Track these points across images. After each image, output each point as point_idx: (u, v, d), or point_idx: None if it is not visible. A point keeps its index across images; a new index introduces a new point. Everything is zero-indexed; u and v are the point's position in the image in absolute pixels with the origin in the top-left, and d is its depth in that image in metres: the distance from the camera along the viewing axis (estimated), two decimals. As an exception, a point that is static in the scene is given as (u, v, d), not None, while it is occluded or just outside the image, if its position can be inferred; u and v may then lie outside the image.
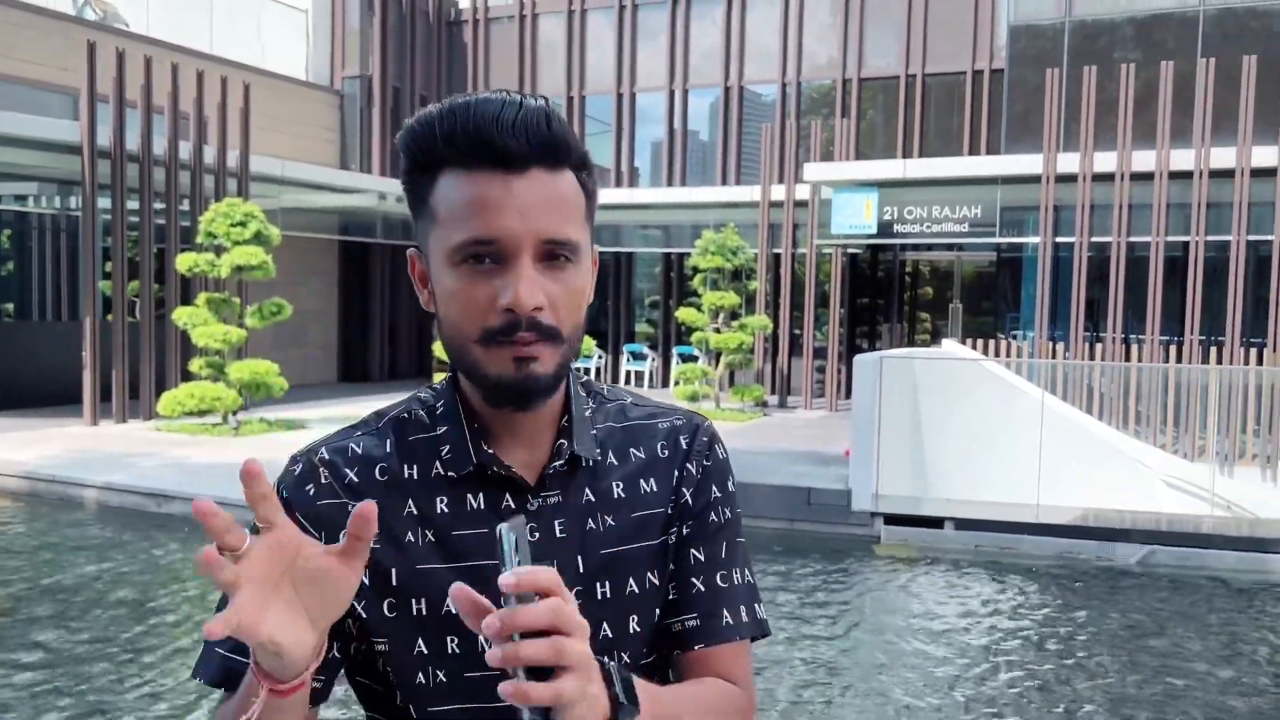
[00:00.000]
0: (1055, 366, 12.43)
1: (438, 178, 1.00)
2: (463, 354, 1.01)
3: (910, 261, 18.48)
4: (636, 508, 1.08)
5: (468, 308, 0.98)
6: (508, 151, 0.96)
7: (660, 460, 1.11)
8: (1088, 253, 13.47)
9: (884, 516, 8.64)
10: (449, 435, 1.05)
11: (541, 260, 0.98)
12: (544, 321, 0.98)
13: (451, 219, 0.98)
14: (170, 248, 13.22)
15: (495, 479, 1.03)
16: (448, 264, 0.99)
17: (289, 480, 1.04)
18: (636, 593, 1.06)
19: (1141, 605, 7.10)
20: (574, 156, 1.01)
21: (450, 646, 1.01)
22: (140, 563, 7.43)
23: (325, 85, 19.76)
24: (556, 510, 1.05)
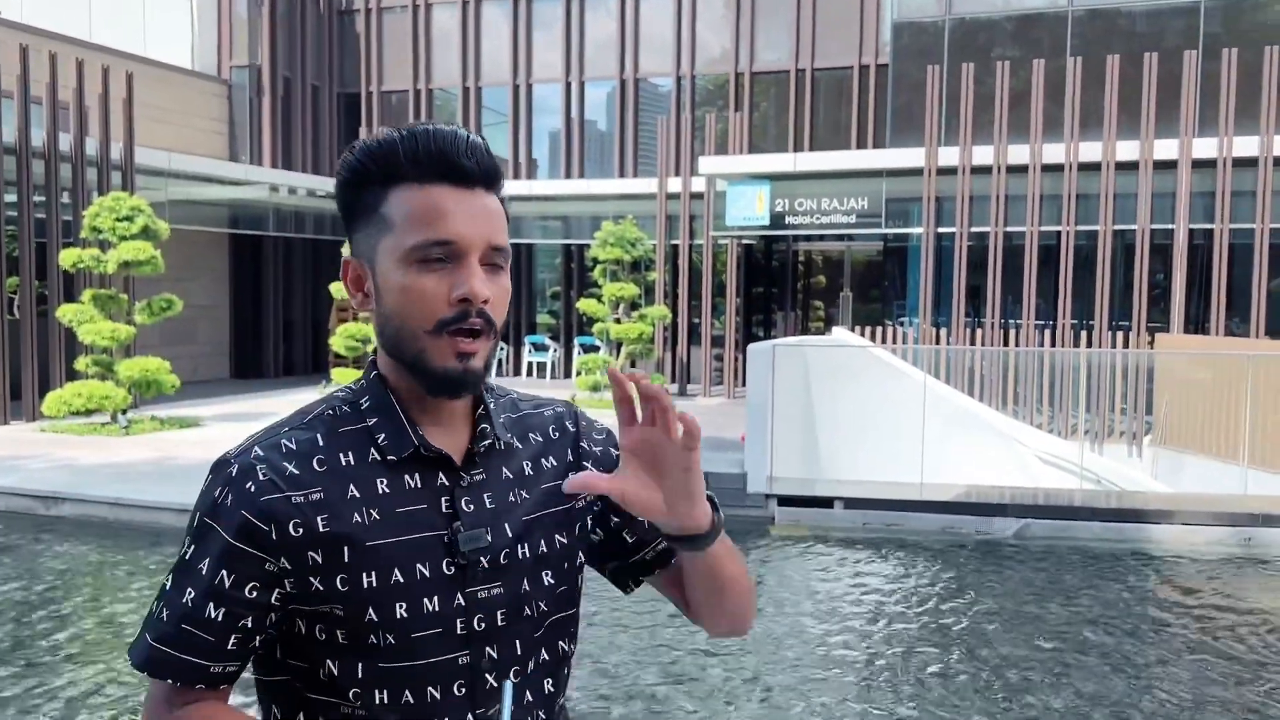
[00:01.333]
0: (938, 352, 13.00)
1: (390, 191, 1.16)
2: (410, 345, 1.15)
3: (803, 252, 18.97)
4: (543, 480, 1.25)
5: (421, 301, 1.13)
6: (463, 170, 1.15)
7: (554, 441, 1.30)
8: (968, 242, 14.07)
9: (778, 498, 8.96)
10: (382, 424, 1.18)
11: (484, 264, 1.15)
12: (488, 312, 1.14)
13: (409, 224, 1.14)
14: (52, 243, 12.82)
15: (428, 460, 1.18)
16: (401, 264, 1.14)
17: (231, 478, 1.14)
18: (546, 552, 1.23)
19: (1015, 574, 7.56)
20: (500, 185, 1.21)
21: (399, 611, 1.14)
22: (27, 566, 7.28)
23: (212, 75, 19.30)
24: (483, 486, 1.20)
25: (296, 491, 1.13)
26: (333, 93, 20.63)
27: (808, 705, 4.98)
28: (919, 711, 4.93)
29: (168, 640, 1.13)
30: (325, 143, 20.42)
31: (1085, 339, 13.42)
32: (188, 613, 1.12)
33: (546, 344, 19.31)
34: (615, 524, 1.31)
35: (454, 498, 1.18)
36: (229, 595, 1.12)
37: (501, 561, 1.19)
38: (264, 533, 1.11)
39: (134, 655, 1.16)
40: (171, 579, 1.15)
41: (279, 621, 1.15)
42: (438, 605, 1.15)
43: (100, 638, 5.91)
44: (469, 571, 1.16)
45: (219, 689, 1.15)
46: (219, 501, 1.13)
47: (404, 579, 1.14)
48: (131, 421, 12.10)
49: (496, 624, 1.18)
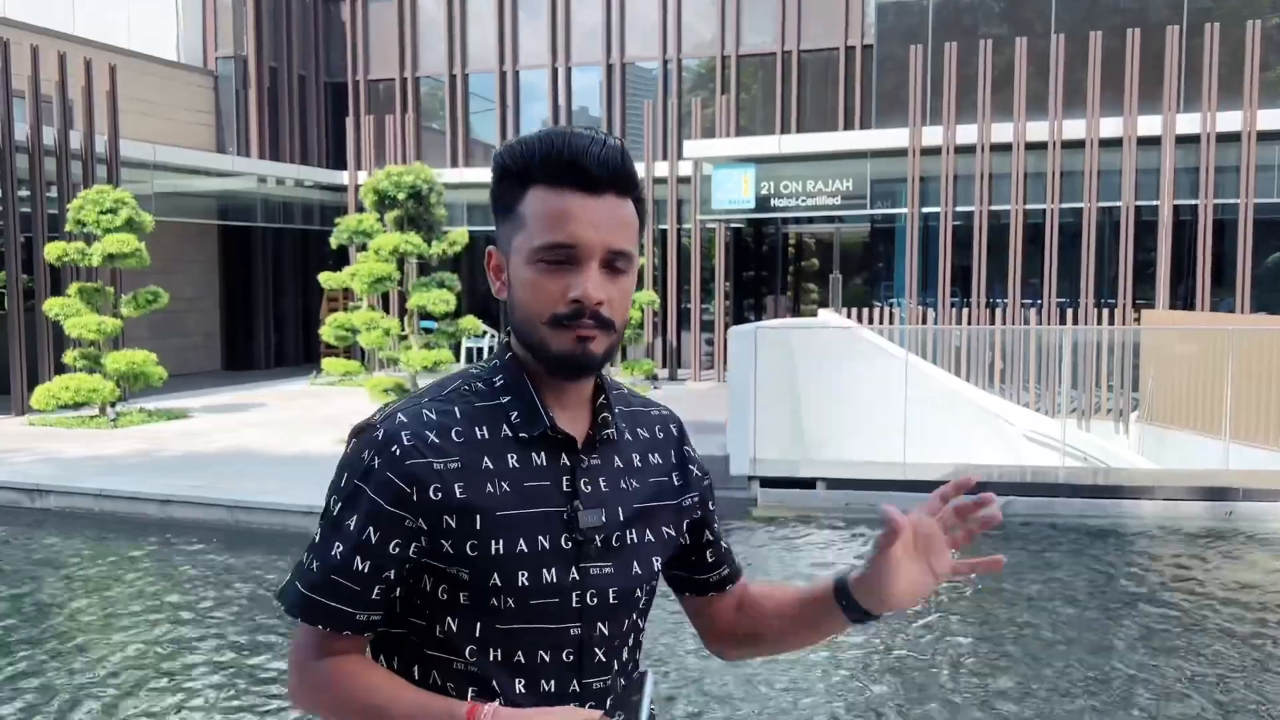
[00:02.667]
0: (924, 332, 13.02)
1: (528, 191, 1.25)
2: (531, 332, 1.25)
3: (793, 234, 18.98)
4: (651, 475, 1.36)
5: (542, 295, 1.23)
6: (592, 177, 1.23)
7: (659, 440, 1.41)
8: (953, 222, 14.09)
9: (760, 480, 8.99)
10: (515, 403, 1.28)
11: (604, 267, 1.24)
12: (603, 314, 1.23)
13: (538, 225, 1.23)
14: (38, 237, 12.83)
15: (555, 440, 1.27)
16: (528, 260, 1.24)
17: (376, 441, 1.23)
18: (652, 540, 1.34)
19: (992, 551, 7.60)
20: (637, 189, 1.28)
21: (520, 579, 1.23)
22: (12, 557, 7.33)
23: (198, 66, 19.26)
24: (599, 470, 1.30)
25: (437, 459, 1.22)
26: (319, 82, 20.58)
27: (782, 680, 5.02)
28: (892, 689, 4.98)
29: (319, 589, 1.23)
30: (312, 133, 20.39)
31: (1071, 317, 13.44)
32: (336, 565, 1.22)
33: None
34: (706, 539, 1.45)
35: (574, 478, 1.27)
36: (374, 550, 1.22)
37: (614, 543, 1.29)
38: (407, 494, 1.21)
39: (286, 602, 1.26)
40: (320, 535, 1.25)
41: (409, 576, 1.25)
42: (555, 576, 1.25)
43: (79, 627, 5.95)
44: (584, 548, 1.26)
45: (362, 636, 1.27)
46: (368, 464, 1.23)
47: (527, 549, 1.24)
48: (120, 414, 12.13)
49: (609, 602, 1.29)
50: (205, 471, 9.17)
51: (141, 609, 6.26)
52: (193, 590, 6.62)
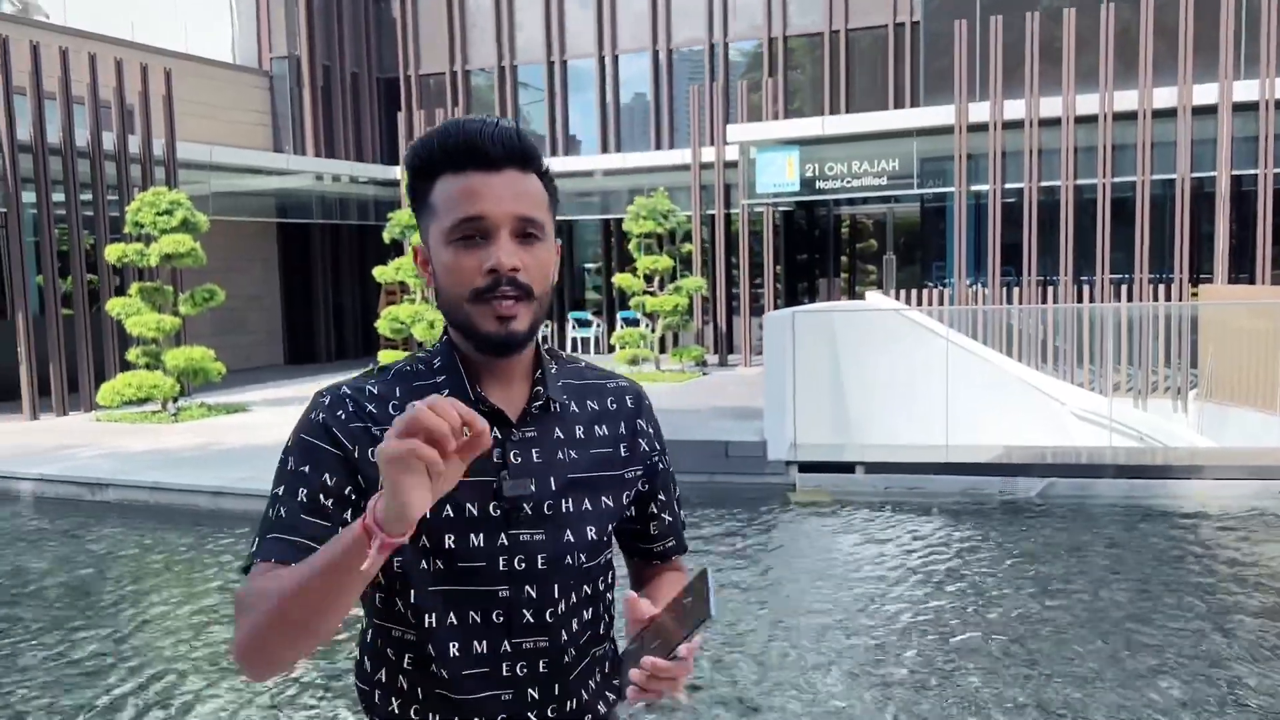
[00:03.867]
0: (974, 312, 12.83)
1: (436, 181, 1.32)
2: (457, 312, 1.31)
3: (845, 216, 18.80)
4: (594, 446, 1.41)
5: (460, 274, 1.29)
6: (489, 155, 1.30)
7: (610, 412, 1.44)
8: (1003, 199, 13.83)
9: (799, 465, 8.98)
10: (448, 381, 1.35)
11: (516, 236, 1.30)
12: (520, 280, 1.28)
13: (447, 208, 1.30)
14: (100, 239, 13.26)
15: (485, 414, 1.29)
16: (444, 243, 1.30)
17: (324, 405, 1.34)
18: (591, 509, 1.38)
19: (1035, 533, 7.50)
20: (537, 164, 1.35)
21: (447, 542, 1.31)
22: (72, 549, 7.63)
23: (253, 67, 19.68)
24: (534, 442, 1.36)
25: (374, 425, 1.31)
26: (372, 79, 20.90)
27: (827, 670, 5.04)
28: (934, 674, 4.96)
29: (292, 530, 1.26)
30: (366, 129, 20.72)
31: (1126, 293, 13.13)
32: (306, 506, 1.28)
33: (589, 319, 19.44)
34: (650, 512, 1.50)
35: (504, 449, 1.33)
36: (334, 490, 1.29)
37: (545, 511, 1.34)
38: (350, 449, 1.30)
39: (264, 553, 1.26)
40: (283, 488, 1.30)
41: None
42: (482, 541, 1.32)
43: (131, 615, 6.19)
44: (512, 516, 1.33)
45: None
46: (315, 421, 1.32)
47: (454, 515, 1.30)
48: (180, 409, 12.52)
49: (537, 567, 1.34)
50: (258, 464, 9.42)
51: (181, 598, 6.50)
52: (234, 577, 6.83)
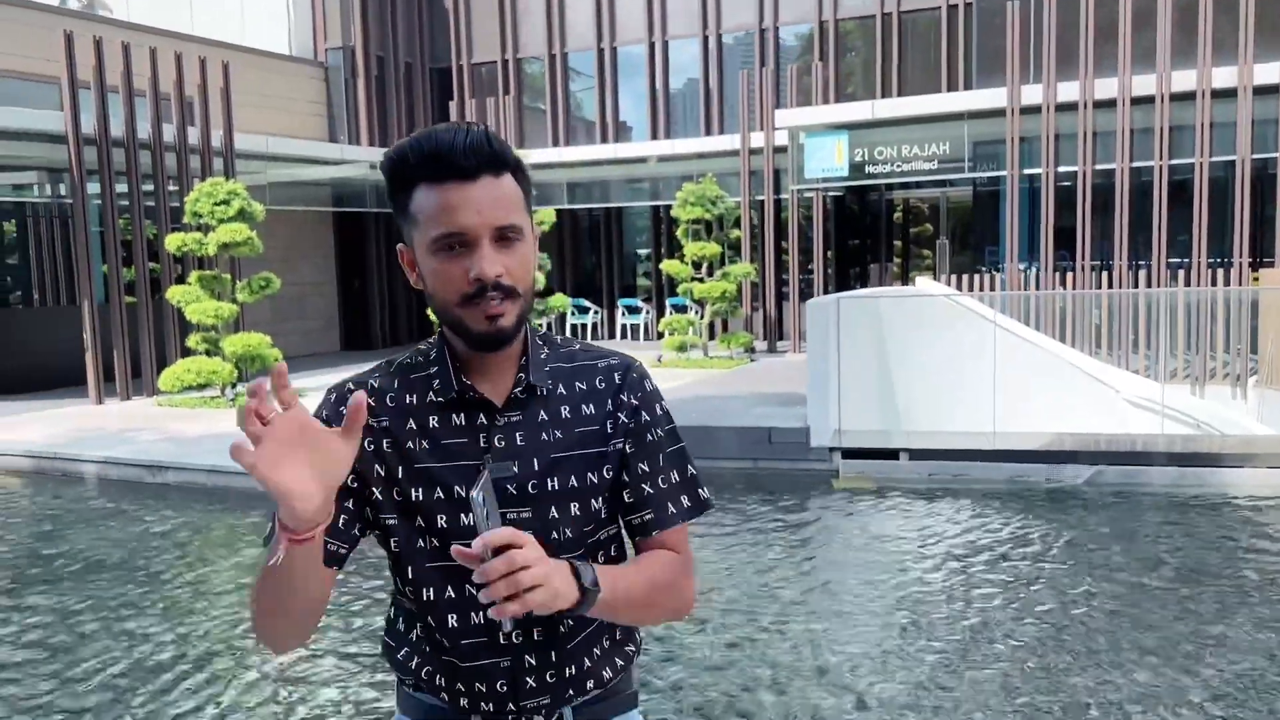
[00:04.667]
0: (1027, 297, 12.66)
1: (413, 191, 1.39)
2: (447, 314, 1.40)
3: (898, 200, 18.62)
4: (578, 425, 1.47)
5: (447, 282, 1.38)
6: (462, 166, 1.36)
7: (598, 390, 1.50)
8: (1056, 183, 13.61)
9: (842, 451, 8.97)
10: (439, 373, 1.45)
11: (496, 242, 1.38)
12: (504, 283, 1.37)
13: (428, 220, 1.37)
14: (161, 229, 13.62)
15: (472, 402, 1.44)
16: (429, 252, 1.38)
17: (329, 404, 1.46)
18: (575, 486, 1.45)
19: (1079, 522, 7.43)
20: (510, 163, 1.41)
21: (440, 522, 1.42)
22: (133, 530, 7.90)
23: (309, 58, 20.00)
24: (518, 425, 1.45)
25: (373, 418, 1.42)
26: (425, 68, 21.12)
27: (870, 657, 5.08)
28: (971, 661, 4.97)
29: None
30: (420, 119, 20.95)
31: (1183, 278, 12.87)
32: None
33: (639, 306, 19.51)
34: (623, 480, 1.49)
35: (490, 434, 1.43)
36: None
37: (530, 490, 1.42)
38: None
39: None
40: None
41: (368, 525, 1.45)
42: (472, 520, 1.35)
43: (185, 591, 6.40)
44: (500, 496, 1.39)
45: (330, 569, 1.40)
46: (321, 417, 1.42)
47: (444, 496, 1.41)
48: (238, 394, 12.84)
49: None
50: (309, 448, 9.64)
51: (235, 573, 6.71)
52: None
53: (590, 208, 20.04)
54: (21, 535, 7.88)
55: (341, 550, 1.42)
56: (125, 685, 4.83)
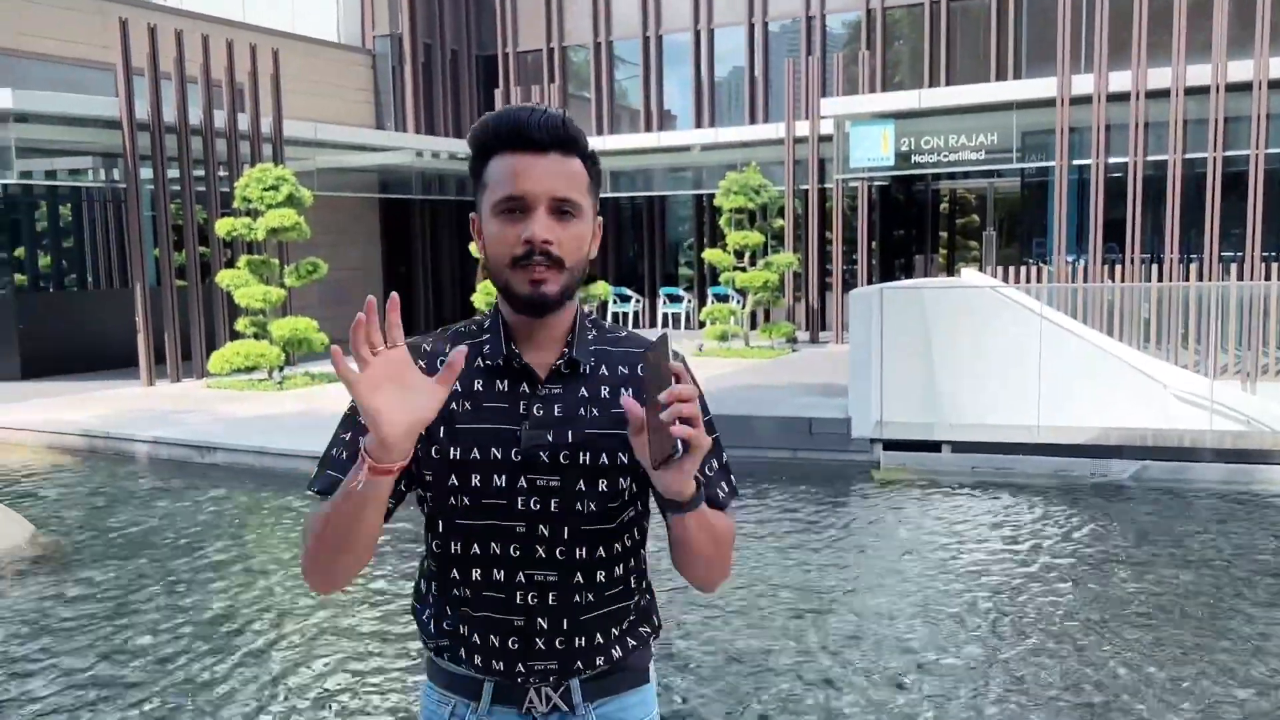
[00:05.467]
0: (1074, 289, 12.50)
1: (490, 160, 1.48)
2: (499, 276, 1.47)
3: (945, 191, 18.43)
4: (615, 406, 1.50)
5: (502, 243, 1.45)
6: (535, 139, 1.45)
7: (639, 376, 1.53)
8: (1106, 174, 13.40)
9: (883, 443, 8.93)
10: (490, 339, 1.52)
11: (552, 213, 1.45)
12: (553, 252, 1.44)
13: (496, 184, 1.46)
14: (212, 214, 13.84)
15: (517, 370, 1.51)
16: (491, 215, 1.47)
17: None
18: (605, 464, 1.50)
19: (1124, 517, 7.35)
20: (581, 147, 1.49)
21: (474, 480, 1.48)
22: (182, 507, 8.07)
23: (357, 46, 20.18)
24: (558, 398, 1.50)
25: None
26: (471, 56, 21.23)
27: (901, 649, 5.08)
28: (1013, 655, 4.96)
29: (340, 469, 1.46)
30: (465, 106, 21.07)
31: (1236, 272, 12.64)
32: (351, 447, 1.47)
33: (681, 295, 19.51)
34: None
35: (529, 403, 1.49)
36: None
37: (561, 461, 1.48)
38: None
39: (313, 485, 1.50)
40: (349, 430, 1.50)
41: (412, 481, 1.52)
42: (504, 482, 1.48)
43: (234, 568, 6.54)
44: (531, 462, 1.48)
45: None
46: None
47: (480, 457, 1.48)
48: (285, 377, 13.03)
49: (551, 509, 1.49)
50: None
51: (280, 550, 6.84)
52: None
53: (633, 196, 20.06)
54: (74, 511, 8.08)
55: (390, 503, 1.47)
56: (169, 655, 4.96)
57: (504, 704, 1.55)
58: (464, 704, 1.57)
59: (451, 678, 1.59)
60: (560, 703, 1.55)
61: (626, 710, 1.61)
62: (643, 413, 1.36)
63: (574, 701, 1.56)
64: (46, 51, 14.82)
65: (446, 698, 1.59)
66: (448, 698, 1.59)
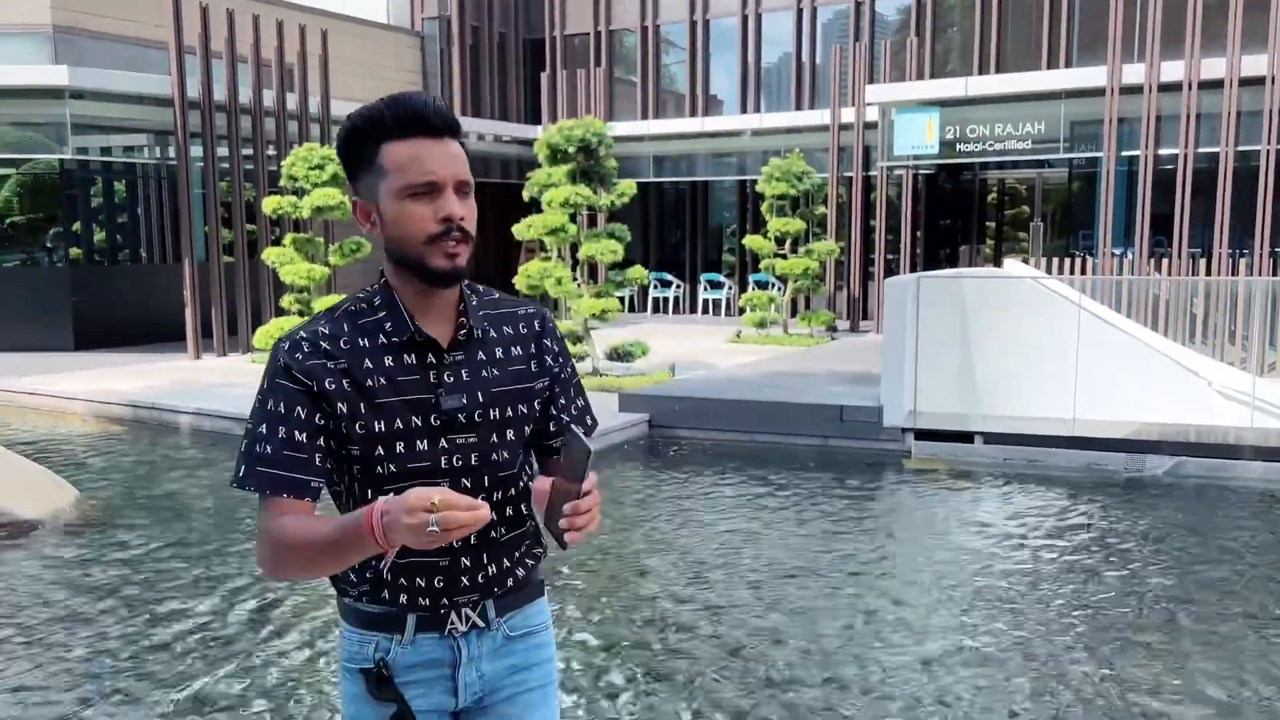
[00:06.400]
0: (1119, 283, 12.31)
1: (381, 146, 1.59)
2: (410, 253, 1.59)
3: (994, 180, 18.20)
4: (511, 364, 1.71)
5: (415, 222, 1.57)
6: (434, 125, 1.59)
7: (522, 335, 1.75)
8: (1155, 165, 13.16)
9: (915, 432, 8.88)
10: (389, 317, 1.63)
11: (457, 193, 1.60)
12: (465, 227, 1.59)
13: (402, 168, 1.57)
14: (259, 192, 14.08)
15: (421, 343, 1.63)
16: (399, 197, 1.58)
17: (284, 350, 1.61)
18: (511, 415, 1.70)
19: (1156, 514, 7.26)
20: (461, 133, 1.65)
21: (398, 448, 1.61)
22: (222, 478, 8.26)
23: (405, 28, 20.34)
24: (463, 364, 1.66)
25: (330, 361, 1.60)
26: (519, 39, 21.31)
27: (926, 640, 5.09)
28: (1040, 648, 4.95)
29: (279, 465, 1.57)
30: (512, 89, 21.18)
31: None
32: (285, 442, 1.58)
33: (722, 281, 19.48)
34: (551, 413, 1.78)
35: (439, 371, 1.63)
36: (307, 423, 1.59)
37: (476, 419, 1.65)
38: (309, 384, 1.59)
39: (250, 483, 1.59)
40: (264, 425, 1.59)
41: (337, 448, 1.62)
42: (426, 446, 1.63)
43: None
44: (450, 424, 1.63)
45: (312, 503, 1.60)
46: (280, 365, 1.60)
47: (402, 426, 1.61)
48: (327, 354, 13.23)
49: (470, 463, 1.65)
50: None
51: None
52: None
53: (677, 181, 20.05)
54: (117, 478, 8.31)
55: (320, 484, 1.62)
56: (200, 618, 5.10)
57: (427, 630, 1.70)
58: (386, 638, 1.70)
59: (370, 617, 1.71)
60: (478, 620, 1.72)
61: (529, 619, 1.80)
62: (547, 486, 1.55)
63: (489, 618, 1.73)
64: (104, 30, 15.14)
65: (368, 635, 1.71)
66: (369, 635, 1.71)
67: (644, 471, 8.56)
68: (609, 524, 6.85)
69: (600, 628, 5.02)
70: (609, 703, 4.21)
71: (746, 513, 7.29)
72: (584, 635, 4.92)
